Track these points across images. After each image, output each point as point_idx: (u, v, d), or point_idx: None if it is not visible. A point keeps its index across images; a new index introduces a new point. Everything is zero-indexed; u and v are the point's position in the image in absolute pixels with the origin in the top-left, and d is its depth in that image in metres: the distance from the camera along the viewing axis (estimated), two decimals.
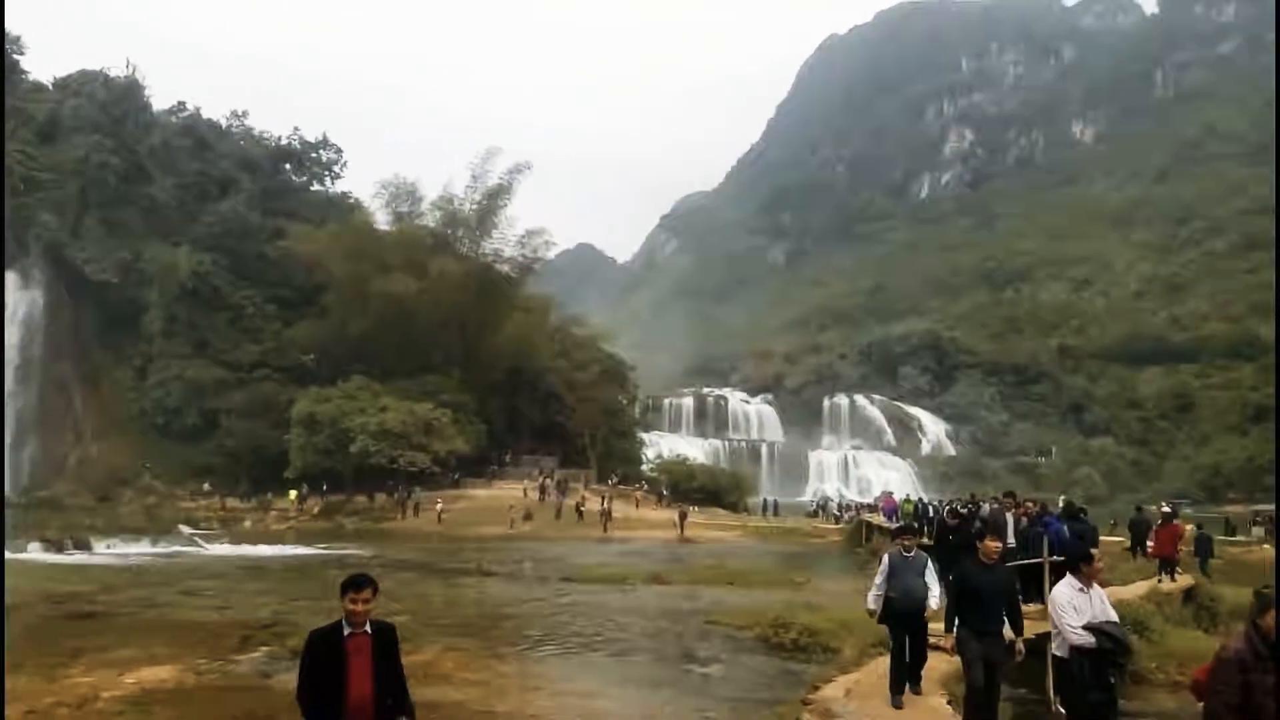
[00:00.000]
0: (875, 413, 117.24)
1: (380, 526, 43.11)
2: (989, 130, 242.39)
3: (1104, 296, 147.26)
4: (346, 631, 4.41)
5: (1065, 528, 13.79)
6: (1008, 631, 7.23)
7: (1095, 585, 6.30)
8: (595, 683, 12.13)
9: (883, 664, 8.85)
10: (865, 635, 10.36)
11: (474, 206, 63.74)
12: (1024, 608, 12.23)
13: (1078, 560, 6.44)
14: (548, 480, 50.91)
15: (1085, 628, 6.00)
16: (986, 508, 19.07)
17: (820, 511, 58.71)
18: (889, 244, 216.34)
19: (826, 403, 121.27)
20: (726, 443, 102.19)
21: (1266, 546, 35.87)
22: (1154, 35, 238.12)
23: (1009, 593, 7.12)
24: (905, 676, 8.05)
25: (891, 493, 44.37)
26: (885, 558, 8.30)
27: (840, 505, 60.13)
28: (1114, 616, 6.23)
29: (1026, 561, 12.25)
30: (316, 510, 47.69)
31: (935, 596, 8.04)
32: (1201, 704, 4.35)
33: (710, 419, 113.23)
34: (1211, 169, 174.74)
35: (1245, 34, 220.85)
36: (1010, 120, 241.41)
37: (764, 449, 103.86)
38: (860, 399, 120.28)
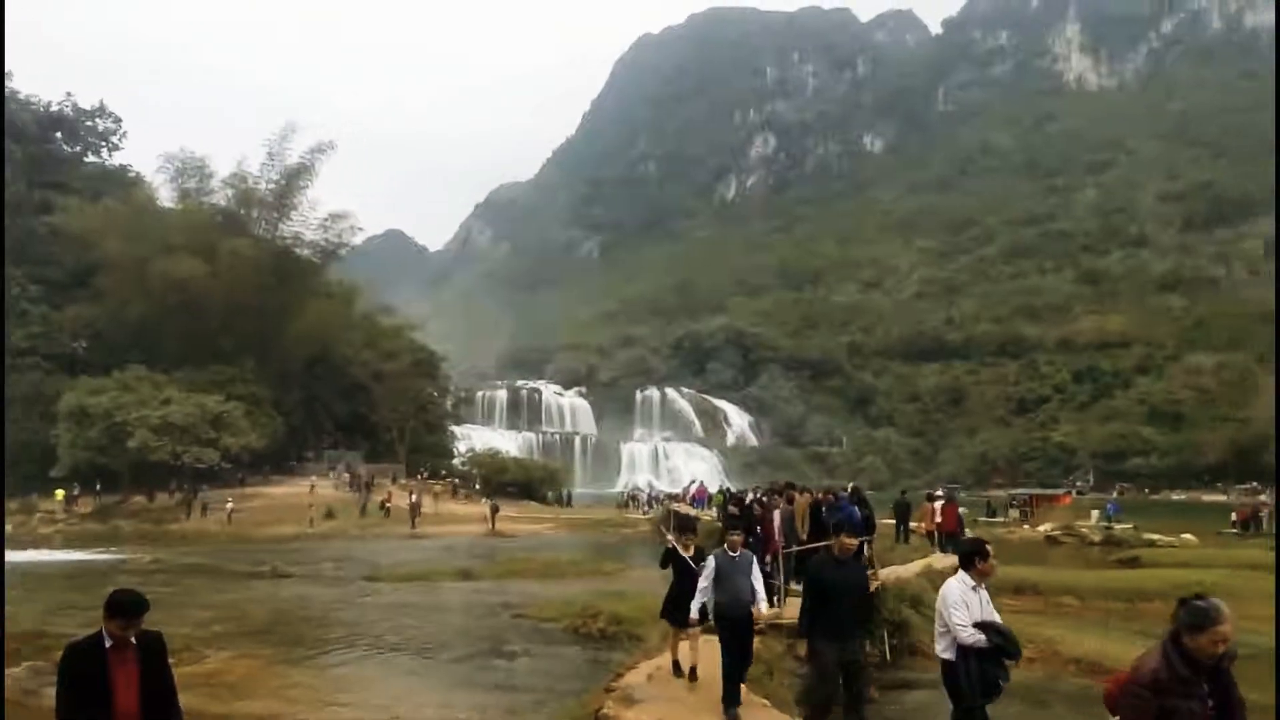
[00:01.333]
0: (685, 405, 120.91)
1: (162, 528, 39.73)
2: (790, 137, 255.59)
3: (889, 298, 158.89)
4: (109, 643, 4.06)
5: (856, 511, 14.89)
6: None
7: (981, 586, 5.84)
8: (398, 685, 11.75)
9: (684, 649, 9.07)
10: (665, 623, 10.62)
11: (271, 186, 59.85)
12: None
13: (971, 556, 5.90)
14: (352, 476, 48.82)
15: (977, 625, 5.61)
16: (750, 498, 20.11)
17: (630, 502, 59.86)
18: (698, 241, 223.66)
19: (638, 395, 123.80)
20: (540, 435, 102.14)
21: (1026, 527, 40.12)
22: (937, 55, 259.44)
23: (863, 590, 6.66)
24: (738, 691, 7.41)
25: (701, 482, 45.89)
26: (710, 559, 7.63)
27: (650, 496, 61.55)
28: (996, 617, 5.82)
29: (815, 545, 13.04)
30: (88, 511, 43.36)
31: (764, 600, 7.61)
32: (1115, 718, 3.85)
33: (524, 412, 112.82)
34: (984, 182, 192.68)
35: (1015, 59, 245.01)
36: (809, 128, 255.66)
37: (577, 441, 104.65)
38: (670, 392, 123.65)
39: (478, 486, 54.08)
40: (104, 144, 67.70)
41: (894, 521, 24.09)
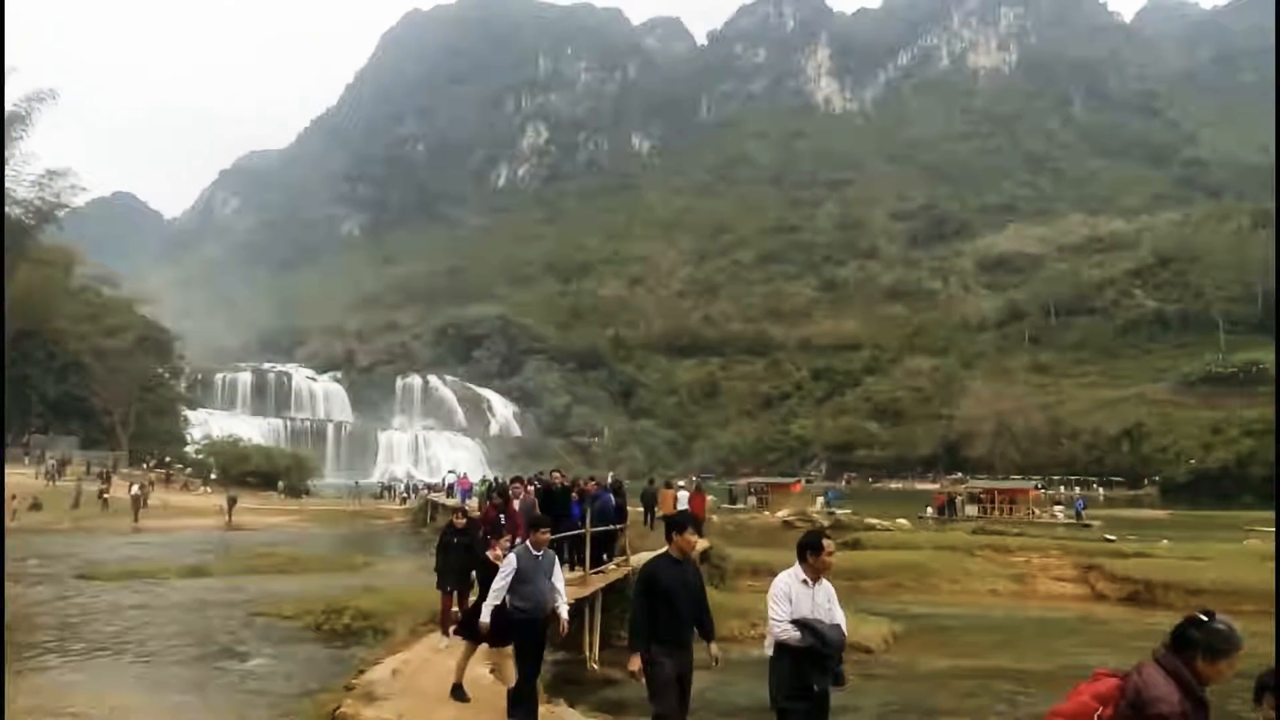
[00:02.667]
0: (448, 393, 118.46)
1: None
2: (562, 130, 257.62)
3: (653, 294, 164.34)
4: None
5: (611, 499, 15.30)
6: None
7: (824, 580, 5.39)
8: (119, 692, 10.61)
9: (434, 639, 8.90)
10: (418, 614, 10.41)
11: None
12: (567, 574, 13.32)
13: (803, 549, 5.44)
14: (72, 465, 43.53)
15: (794, 623, 5.14)
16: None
17: (387, 492, 57.99)
18: (467, 228, 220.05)
19: (399, 382, 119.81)
20: (289, 422, 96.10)
21: (766, 514, 43.13)
22: (702, 65, 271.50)
23: (700, 591, 5.94)
24: (534, 702, 7.04)
25: (465, 473, 45.13)
26: (511, 557, 7.01)
27: (408, 485, 59.88)
28: (840, 618, 5.39)
29: (574, 533, 13.30)
30: None
31: (565, 604, 7.10)
32: None
33: (271, 397, 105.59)
34: (741, 190, 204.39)
35: (772, 76, 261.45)
36: (581, 124, 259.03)
37: (331, 429, 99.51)
38: (433, 379, 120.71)
39: (214, 476, 50.04)
40: None
41: (643, 510, 25.00)
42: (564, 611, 7.08)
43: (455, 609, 9.77)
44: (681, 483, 24.93)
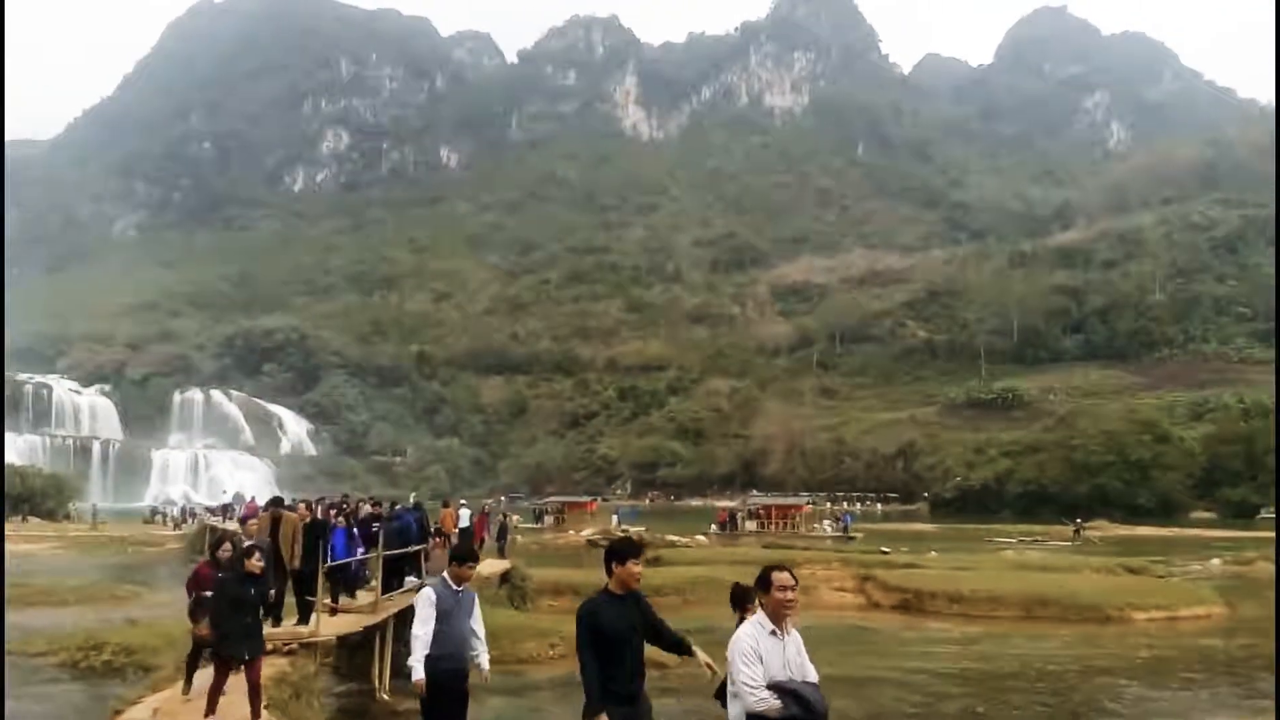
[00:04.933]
0: (233, 409, 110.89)
1: None
2: (365, 137, 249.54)
3: (460, 310, 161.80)
4: None
5: (412, 520, 15.04)
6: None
7: (791, 629, 4.61)
8: None
9: (203, 676, 8.29)
10: (186, 648, 9.64)
11: None
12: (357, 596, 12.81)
13: (753, 590, 4.81)
14: None
15: (772, 687, 4.35)
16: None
17: (159, 517, 53.41)
18: (259, 233, 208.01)
19: (177, 397, 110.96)
20: (48, 439, 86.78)
21: (571, 533, 43.35)
22: (513, 82, 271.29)
23: (644, 630, 4.97)
24: None
25: (254, 496, 42.16)
26: (428, 590, 5.86)
27: (184, 509, 55.41)
28: (812, 673, 4.58)
29: (395, 552, 13.21)
30: None
31: (486, 654, 6.05)
32: None
33: (28, 410, 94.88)
34: (550, 209, 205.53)
35: (581, 99, 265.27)
36: (386, 132, 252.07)
37: (96, 447, 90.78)
38: (217, 394, 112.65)
39: None
40: None
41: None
42: (485, 662, 5.98)
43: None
44: (463, 501, 24.83)
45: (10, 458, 62.63)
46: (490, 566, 19.33)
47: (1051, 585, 20.45)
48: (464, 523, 21.95)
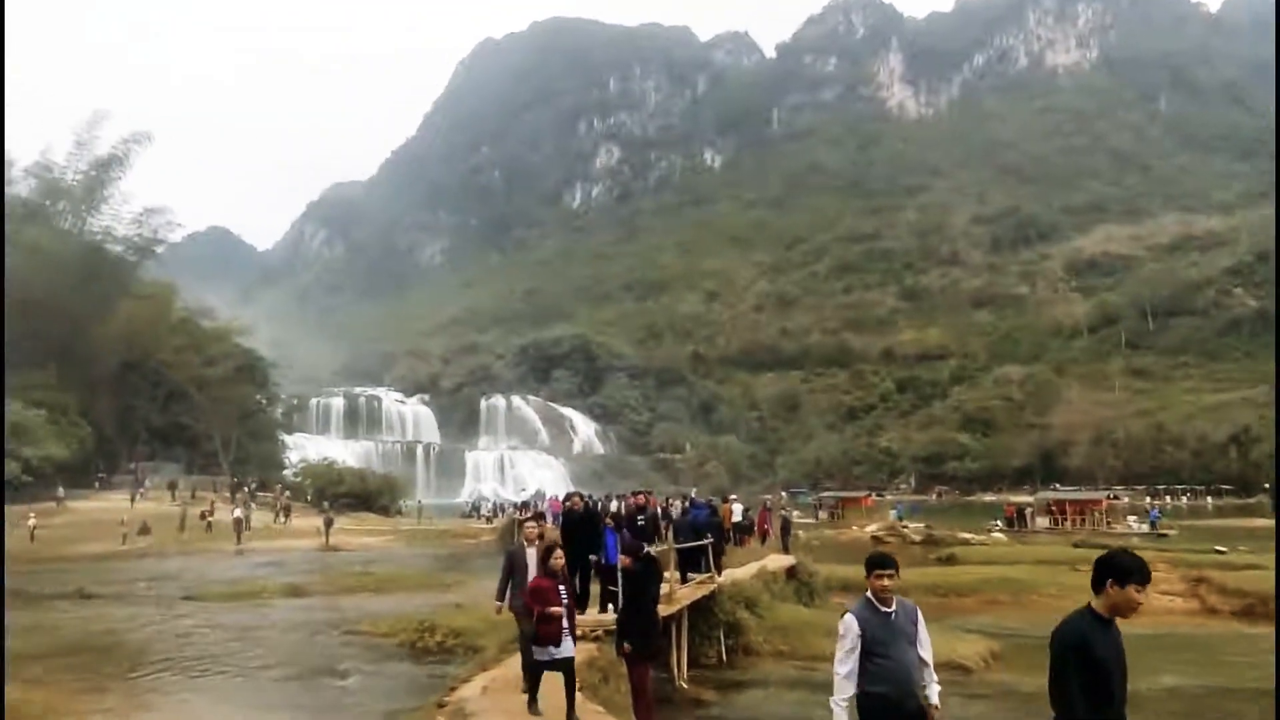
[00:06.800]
0: (530, 413, 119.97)
1: None
2: (634, 149, 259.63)
3: (730, 309, 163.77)
4: None
5: (704, 513, 15.79)
6: None
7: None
8: (219, 710, 11.04)
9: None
10: (506, 632, 10.49)
11: (79, 177, 55.30)
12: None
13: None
14: (178, 490, 45.62)
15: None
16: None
17: (474, 512, 58.92)
18: (543, 250, 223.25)
19: (483, 403, 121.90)
20: (379, 444, 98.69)
21: (854, 528, 42.43)
22: (772, 77, 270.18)
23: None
24: None
25: (557, 495, 45.36)
26: (849, 622, 4.62)
27: (495, 505, 60.76)
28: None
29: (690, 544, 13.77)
30: None
31: (935, 684, 4.67)
32: None
33: (362, 420, 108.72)
34: (814, 200, 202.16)
35: (843, 84, 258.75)
36: (652, 142, 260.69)
37: (420, 450, 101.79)
38: (516, 399, 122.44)
39: (310, 498, 51.61)
40: None
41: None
42: (935, 695, 4.64)
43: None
44: (734, 496, 24.97)
45: (350, 461, 72.04)
46: (775, 562, 19.32)
47: None
48: (737, 517, 22.19)
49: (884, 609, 4.61)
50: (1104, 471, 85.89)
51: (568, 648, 7.36)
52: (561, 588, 7.47)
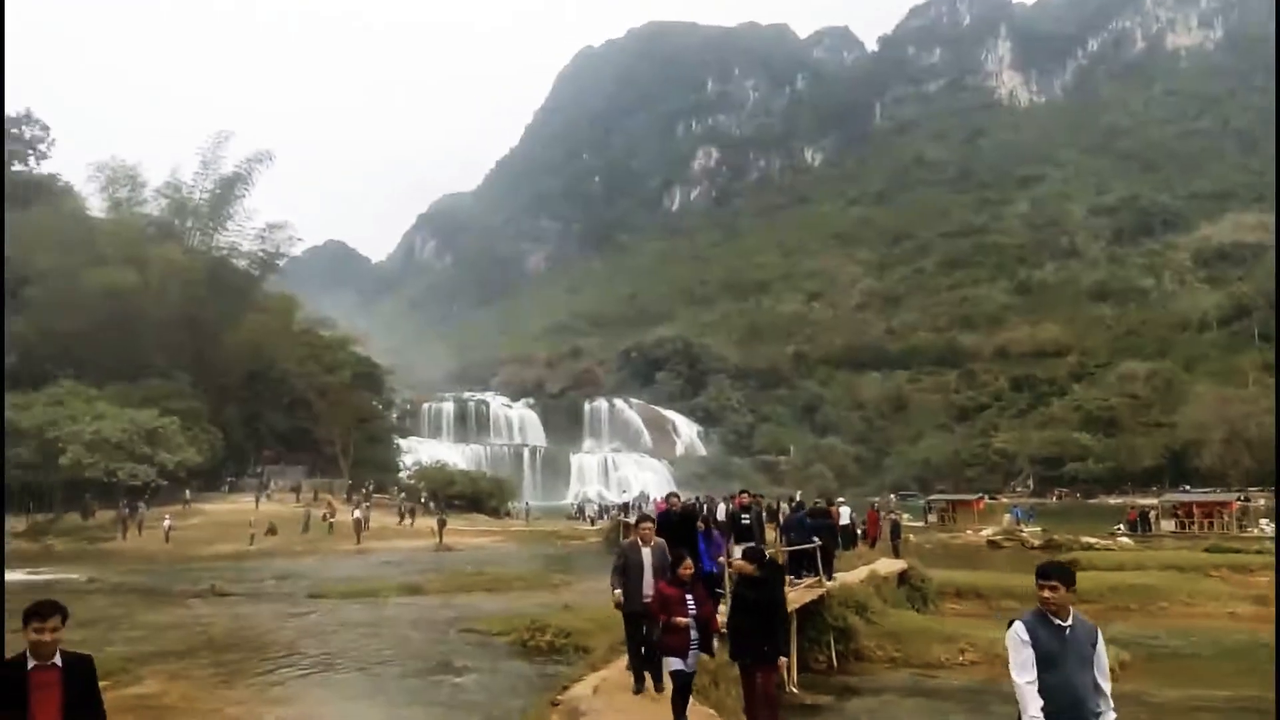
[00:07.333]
0: (633, 416, 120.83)
1: (97, 547, 38.37)
2: (732, 150, 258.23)
3: (832, 308, 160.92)
4: (31, 665, 3.89)
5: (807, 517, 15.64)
6: None
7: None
8: (343, 704, 11.55)
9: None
10: (616, 632, 10.61)
11: (205, 195, 58.70)
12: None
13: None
14: (302, 493, 47.98)
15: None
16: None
17: (580, 514, 59.74)
18: (644, 253, 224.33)
19: (587, 407, 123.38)
20: (488, 448, 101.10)
21: (968, 532, 41.12)
22: (873, 71, 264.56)
23: None
24: None
25: (663, 496, 45.57)
26: (1019, 631, 4.26)
27: (600, 507, 61.51)
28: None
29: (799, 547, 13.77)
30: (20, 530, 41.69)
31: (1111, 713, 4.30)
32: None
33: (471, 424, 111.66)
34: (920, 195, 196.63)
35: (949, 75, 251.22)
36: (750, 142, 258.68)
37: (526, 453, 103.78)
38: (619, 403, 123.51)
39: (424, 500, 53.33)
40: (32, 152, 65.65)
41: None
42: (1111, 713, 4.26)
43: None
44: (842, 499, 24.39)
45: (461, 464, 74.14)
46: (886, 566, 18.93)
47: None
48: (844, 520, 21.75)
49: (1057, 622, 4.24)
50: (1237, 472, 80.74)
51: (693, 661, 7.28)
52: (689, 597, 7.32)
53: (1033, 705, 4.14)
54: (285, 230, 61.11)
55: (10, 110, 64.92)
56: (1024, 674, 4.20)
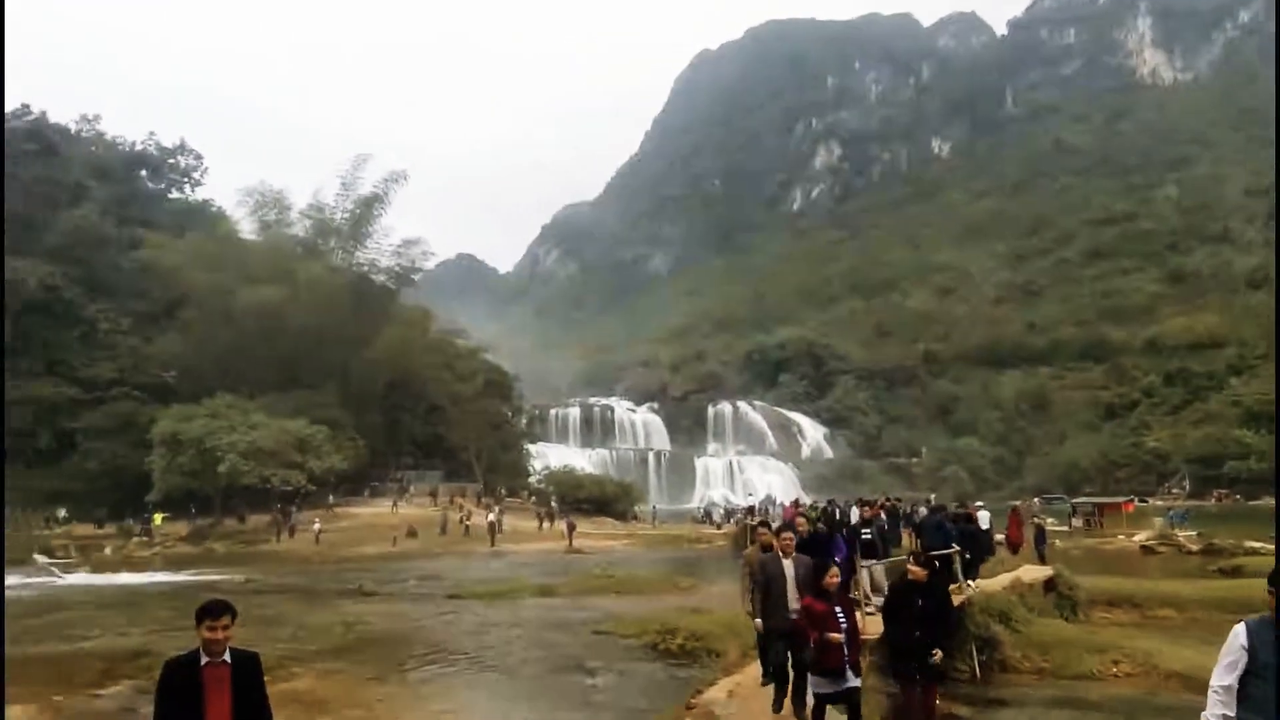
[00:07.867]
0: (757, 418, 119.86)
1: (254, 549, 41.13)
2: (855, 145, 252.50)
3: (965, 303, 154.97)
4: (204, 661, 4.21)
5: (946, 522, 15.34)
6: None
7: None
8: (481, 701, 11.95)
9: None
10: (748, 637, 10.59)
11: (345, 215, 61.90)
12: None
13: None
14: (439, 497, 50.01)
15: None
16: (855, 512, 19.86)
17: (706, 517, 59.72)
18: (765, 254, 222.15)
19: (711, 410, 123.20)
20: (614, 452, 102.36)
21: (1122, 537, 38.80)
22: (1004, 56, 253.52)
23: None
24: None
25: (792, 499, 45.09)
26: (1239, 633, 3.86)
27: (726, 510, 61.35)
28: None
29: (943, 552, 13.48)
30: (184, 534, 45.20)
31: None
32: None
33: (597, 429, 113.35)
34: (1059, 182, 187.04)
35: (1085, 56, 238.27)
36: (874, 136, 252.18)
37: (651, 457, 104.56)
38: (743, 405, 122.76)
39: (554, 504, 54.54)
40: (186, 180, 71.05)
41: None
42: None
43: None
44: (980, 503, 23.37)
45: (588, 468, 75.50)
46: (1030, 573, 18.11)
47: None
48: (983, 524, 20.94)
49: None
50: None
51: (853, 678, 6.93)
52: (839, 610, 7.00)
53: (1217, 710, 3.83)
54: (419, 245, 63.76)
55: (166, 141, 70.54)
56: (1221, 677, 3.85)
